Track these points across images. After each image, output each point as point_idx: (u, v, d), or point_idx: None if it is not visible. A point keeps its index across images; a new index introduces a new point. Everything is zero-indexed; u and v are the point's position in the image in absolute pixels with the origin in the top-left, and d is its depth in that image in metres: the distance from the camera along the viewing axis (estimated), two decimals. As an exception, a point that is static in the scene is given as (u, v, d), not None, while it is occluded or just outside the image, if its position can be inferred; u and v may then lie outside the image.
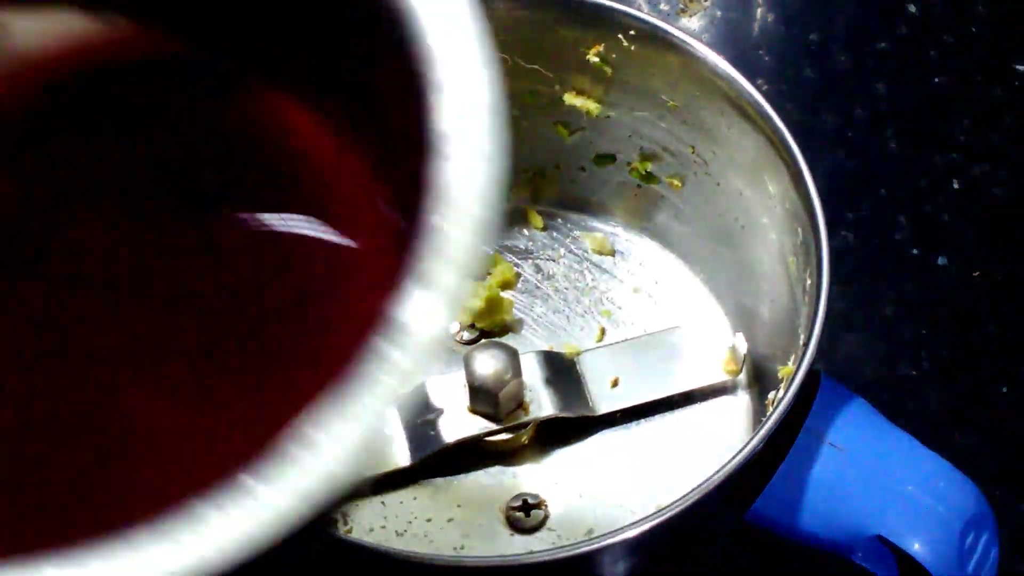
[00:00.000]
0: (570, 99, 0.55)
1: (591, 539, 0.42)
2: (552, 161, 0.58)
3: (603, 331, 0.56)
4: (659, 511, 0.42)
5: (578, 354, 0.54)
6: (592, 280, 0.57)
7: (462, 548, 0.50)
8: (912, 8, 0.72)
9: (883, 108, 0.69)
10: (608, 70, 0.53)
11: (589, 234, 0.58)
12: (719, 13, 0.73)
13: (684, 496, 0.42)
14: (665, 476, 0.52)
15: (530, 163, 0.58)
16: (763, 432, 0.44)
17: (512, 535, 0.51)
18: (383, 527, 0.51)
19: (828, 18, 0.72)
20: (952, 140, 0.68)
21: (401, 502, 0.51)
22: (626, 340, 0.55)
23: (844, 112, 0.69)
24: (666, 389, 0.53)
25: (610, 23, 0.52)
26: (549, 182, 0.58)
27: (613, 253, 0.58)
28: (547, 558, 0.42)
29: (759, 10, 0.73)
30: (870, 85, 0.70)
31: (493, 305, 0.55)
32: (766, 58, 0.71)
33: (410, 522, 0.51)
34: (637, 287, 0.57)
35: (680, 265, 0.57)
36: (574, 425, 0.53)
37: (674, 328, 0.55)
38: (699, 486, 0.43)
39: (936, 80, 0.70)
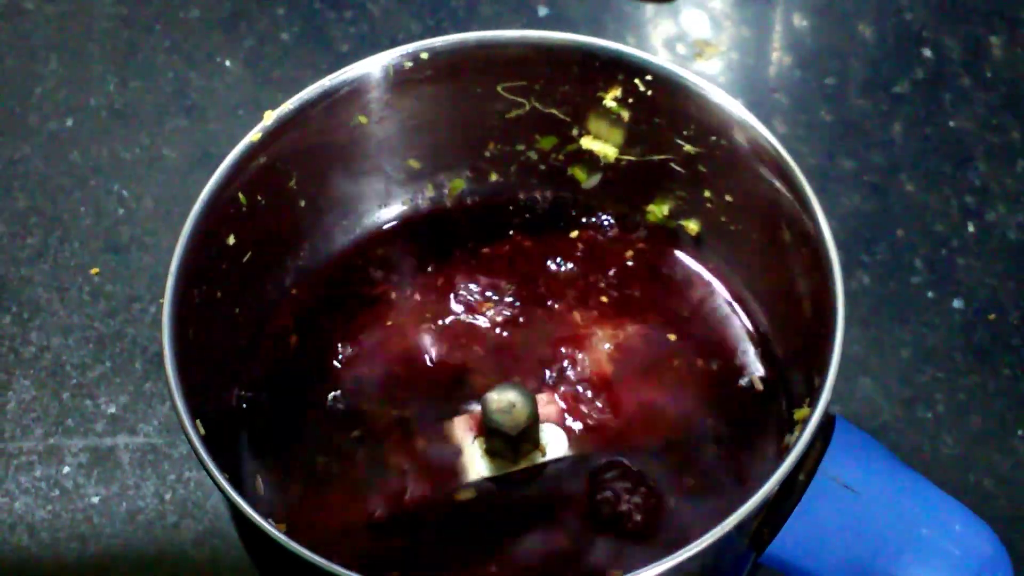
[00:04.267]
0: (587, 143, 0.56)
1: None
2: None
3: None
4: (675, 553, 0.42)
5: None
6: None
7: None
8: (928, 52, 0.72)
9: (899, 151, 0.69)
10: (625, 114, 0.54)
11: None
12: (735, 56, 0.73)
13: (700, 538, 0.43)
14: (680, 517, 0.52)
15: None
16: (778, 474, 0.44)
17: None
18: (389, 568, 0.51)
19: (844, 62, 0.73)
20: (967, 183, 0.68)
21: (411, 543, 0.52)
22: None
23: (860, 155, 0.69)
24: (683, 430, 0.53)
25: (627, 68, 0.52)
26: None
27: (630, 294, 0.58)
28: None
29: (775, 54, 0.73)
30: (886, 128, 0.70)
31: None
32: (782, 101, 0.71)
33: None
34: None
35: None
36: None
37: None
38: (715, 528, 0.43)
39: (951, 123, 0.70)
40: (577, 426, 0.53)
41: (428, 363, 0.55)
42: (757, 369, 0.55)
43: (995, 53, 0.72)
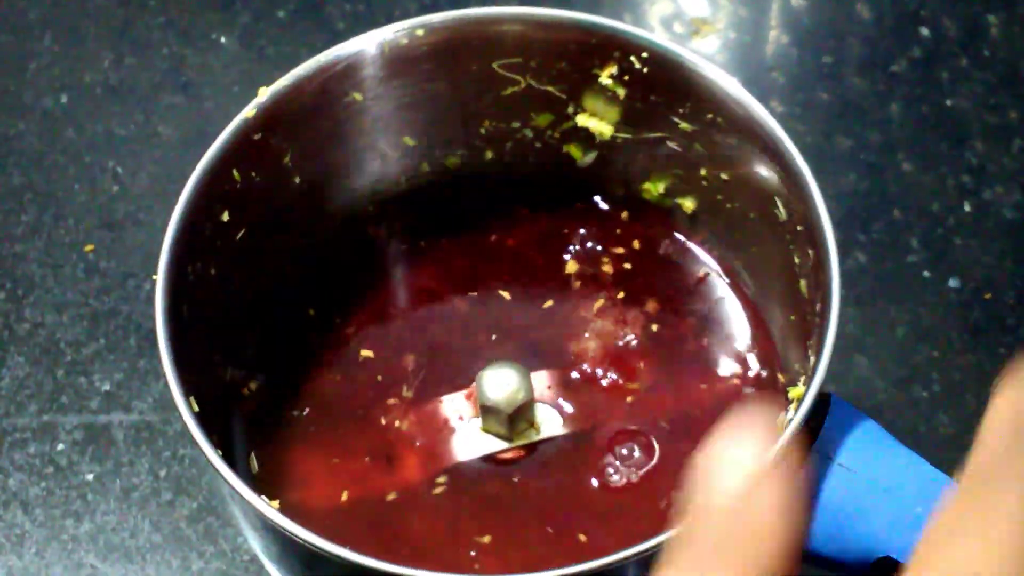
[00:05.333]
0: (583, 121, 0.55)
1: (597, 558, 0.42)
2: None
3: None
4: (667, 530, 0.42)
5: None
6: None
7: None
8: (925, 31, 0.72)
9: (896, 130, 0.69)
10: (621, 92, 0.54)
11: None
12: (732, 35, 0.73)
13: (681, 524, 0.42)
14: (675, 495, 0.52)
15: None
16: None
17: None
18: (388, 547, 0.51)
19: (841, 40, 0.72)
20: (964, 162, 0.68)
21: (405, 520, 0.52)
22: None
23: (857, 134, 0.69)
24: (678, 409, 0.53)
25: (623, 45, 0.52)
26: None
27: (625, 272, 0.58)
28: (560, 572, 0.42)
29: (772, 32, 0.73)
30: (883, 107, 0.70)
31: None
32: (779, 80, 0.71)
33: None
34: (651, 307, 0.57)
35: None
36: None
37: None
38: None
39: (949, 103, 0.70)
40: (572, 405, 0.53)
41: (424, 340, 0.55)
42: (753, 348, 0.55)
43: (993, 32, 0.72)
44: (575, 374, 0.54)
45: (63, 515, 0.60)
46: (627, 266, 0.57)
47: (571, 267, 0.57)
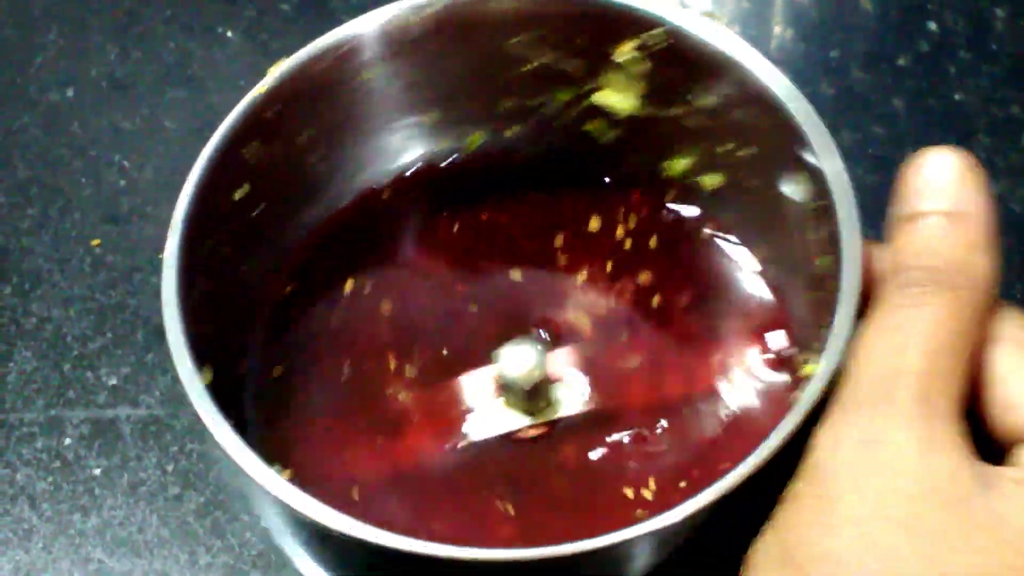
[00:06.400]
0: (604, 98, 0.55)
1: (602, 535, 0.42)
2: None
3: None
4: (676, 508, 0.42)
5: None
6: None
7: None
8: (932, 25, 0.72)
9: (902, 125, 0.69)
10: (642, 69, 0.53)
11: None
12: (737, 29, 0.73)
13: (700, 495, 0.42)
14: (686, 472, 0.52)
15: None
16: (782, 432, 0.43)
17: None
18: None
19: (847, 34, 0.72)
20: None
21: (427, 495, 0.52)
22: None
23: (863, 128, 0.69)
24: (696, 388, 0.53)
25: (643, 21, 0.52)
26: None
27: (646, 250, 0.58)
28: (570, 551, 0.42)
29: (777, 27, 0.73)
30: (889, 102, 0.70)
31: None
32: (784, 74, 0.71)
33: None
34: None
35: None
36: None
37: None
38: (715, 485, 0.42)
39: (956, 97, 0.70)
40: (592, 383, 0.53)
41: (443, 319, 0.55)
42: (773, 327, 0.54)
43: (999, 26, 0.72)
44: (594, 352, 0.54)
45: (70, 510, 0.59)
46: (648, 244, 0.57)
47: (592, 245, 0.57)
